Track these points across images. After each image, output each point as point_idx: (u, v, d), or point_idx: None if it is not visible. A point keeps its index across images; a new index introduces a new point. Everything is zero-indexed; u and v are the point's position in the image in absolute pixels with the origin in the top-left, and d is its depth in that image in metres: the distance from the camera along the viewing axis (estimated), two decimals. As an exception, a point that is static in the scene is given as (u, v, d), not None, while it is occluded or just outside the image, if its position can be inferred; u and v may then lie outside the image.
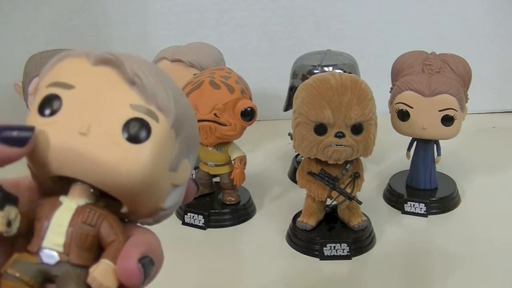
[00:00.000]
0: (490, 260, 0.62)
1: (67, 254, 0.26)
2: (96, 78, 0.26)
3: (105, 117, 0.25)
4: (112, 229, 0.27)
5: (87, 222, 0.26)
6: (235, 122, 0.66)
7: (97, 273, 0.25)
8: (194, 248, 0.67)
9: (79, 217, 0.26)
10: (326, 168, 0.61)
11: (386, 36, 1.08)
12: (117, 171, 0.25)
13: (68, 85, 0.26)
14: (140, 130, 0.25)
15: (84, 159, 0.25)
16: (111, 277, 0.26)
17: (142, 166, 0.25)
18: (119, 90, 0.26)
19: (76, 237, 0.26)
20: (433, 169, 0.75)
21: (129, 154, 0.25)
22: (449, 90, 0.67)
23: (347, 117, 0.56)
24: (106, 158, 0.24)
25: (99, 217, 0.26)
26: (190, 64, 0.79)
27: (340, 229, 0.65)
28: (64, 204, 0.26)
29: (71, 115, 0.25)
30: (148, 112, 0.25)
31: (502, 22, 1.10)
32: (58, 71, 0.27)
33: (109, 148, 0.25)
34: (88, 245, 0.26)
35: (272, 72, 1.02)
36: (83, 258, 0.26)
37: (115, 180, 0.25)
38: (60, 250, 0.26)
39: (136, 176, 0.25)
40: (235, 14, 1.08)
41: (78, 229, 0.26)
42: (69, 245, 0.26)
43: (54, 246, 0.26)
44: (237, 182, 0.69)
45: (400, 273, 0.61)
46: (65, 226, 0.26)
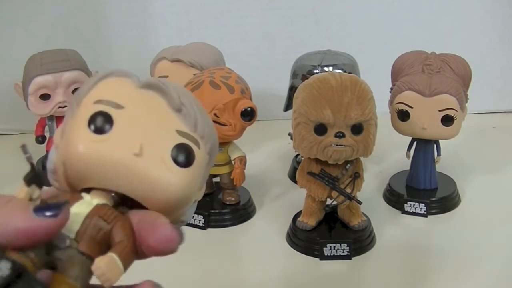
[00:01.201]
0: (490, 260, 0.62)
1: (77, 241, 0.27)
2: (144, 101, 0.28)
3: (156, 140, 0.27)
4: (124, 231, 0.28)
5: (104, 217, 0.27)
6: (235, 122, 0.66)
7: (102, 263, 0.26)
8: (194, 248, 0.67)
9: (97, 211, 0.27)
10: (326, 168, 0.61)
11: (386, 36, 1.08)
12: (162, 190, 0.27)
13: (119, 105, 0.27)
14: (187, 156, 0.28)
15: (135, 177, 0.26)
16: (115, 270, 0.27)
17: (185, 187, 0.28)
18: (166, 115, 0.28)
19: (90, 229, 0.27)
20: (433, 169, 0.75)
21: (176, 175, 0.27)
22: (449, 90, 0.67)
23: (347, 117, 0.56)
24: (156, 177, 0.27)
25: (115, 217, 0.28)
26: (190, 64, 0.79)
27: (340, 229, 0.65)
28: (85, 199, 0.28)
29: (124, 134, 0.27)
30: (193, 139, 0.28)
31: (502, 22, 1.10)
32: (105, 90, 0.28)
33: (159, 168, 0.27)
34: (98, 239, 0.27)
35: (272, 72, 1.02)
36: (91, 249, 0.27)
37: (157, 196, 0.27)
38: (72, 237, 0.27)
39: (176, 195, 0.27)
40: (235, 14, 1.08)
41: (94, 222, 0.27)
42: (82, 234, 0.27)
43: (67, 231, 0.27)
44: (237, 182, 0.70)
45: (400, 273, 0.61)
46: (82, 216, 0.27)
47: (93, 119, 0.27)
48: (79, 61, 0.81)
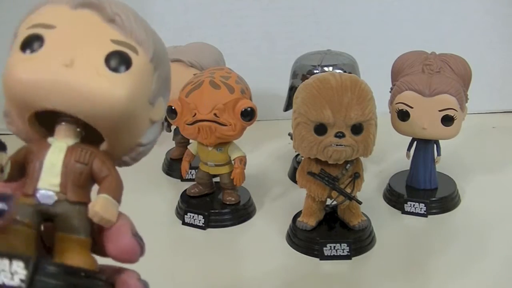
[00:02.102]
0: (490, 260, 0.62)
1: (64, 193, 0.27)
2: (76, 18, 0.27)
3: (88, 51, 0.26)
4: (104, 164, 0.28)
5: (80, 160, 0.27)
6: (235, 122, 0.66)
7: (98, 208, 0.26)
8: (194, 248, 0.67)
9: (72, 156, 0.27)
10: (326, 168, 0.61)
11: (386, 36, 1.08)
12: (101, 99, 0.26)
13: (49, 25, 0.27)
14: (122, 61, 0.27)
15: (69, 90, 0.26)
16: (111, 210, 0.27)
17: (124, 93, 0.27)
18: (99, 28, 0.27)
19: (71, 176, 0.27)
20: (433, 169, 0.75)
21: (113, 82, 0.26)
22: (449, 90, 0.67)
23: (347, 117, 0.56)
24: (91, 87, 0.26)
25: (91, 155, 0.28)
26: (190, 64, 0.79)
27: (340, 229, 0.65)
28: (53, 145, 0.27)
29: (54, 50, 0.26)
30: (128, 46, 0.27)
31: (502, 22, 1.10)
32: (38, 15, 0.28)
33: (93, 78, 0.26)
34: (82, 183, 0.27)
35: (272, 72, 1.02)
36: (80, 195, 0.27)
37: (99, 108, 0.26)
38: (57, 190, 0.27)
39: (118, 103, 0.26)
40: (235, 14, 1.08)
41: (72, 168, 0.27)
42: (65, 184, 0.27)
43: (50, 186, 0.26)
44: (237, 182, 0.70)
45: (400, 273, 0.61)
46: (59, 166, 0.27)
47: (24, 42, 0.27)
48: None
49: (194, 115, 0.65)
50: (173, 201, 0.75)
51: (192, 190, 0.74)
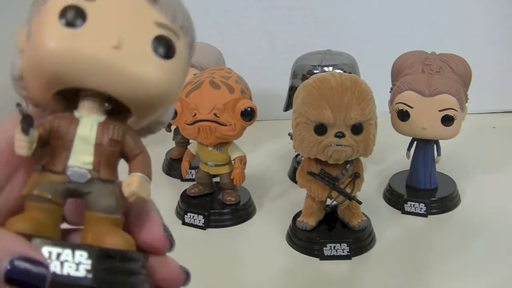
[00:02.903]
0: (490, 260, 0.62)
1: (97, 171, 0.26)
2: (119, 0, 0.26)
3: (134, 32, 0.25)
4: (136, 142, 0.27)
5: (114, 137, 0.26)
6: (235, 122, 0.66)
7: (135, 187, 0.26)
8: (194, 248, 0.67)
9: (104, 133, 0.26)
10: (326, 168, 0.61)
11: (386, 36, 1.08)
12: (147, 85, 0.25)
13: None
14: (168, 48, 0.26)
15: (116, 73, 0.25)
16: (147, 188, 0.26)
17: (169, 80, 0.26)
18: (142, 7, 0.26)
19: (105, 154, 0.26)
20: (433, 169, 0.75)
21: (159, 69, 0.26)
22: (449, 90, 0.67)
23: (347, 117, 0.56)
24: (138, 70, 0.25)
25: (123, 132, 0.27)
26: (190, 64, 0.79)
27: (340, 229, 0.65)
28: (82, 120, 0.26)
29: (100, 28, 0.25)
30: (172, 30, 0.26)
31: (502, 22, 1.09)
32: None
33: (141, 61, 0.25)
34: (114, 160, 0.27)
35: (272, 72, 1.02)
36: (111, 173, 0.26)
37: (142, 93, 0.26)
38: (90, 168, 0.26)
39: (162, 89, 0.26)
40: (235, 14, 1.08)
41: (106, 146, 0.26)
42: (98, 162, 0.26)
43: (83, 164, 0.26)
44: (237, 182, 0.70)
45: (400, 273, 0.61)
46: (92, 144, 0.26)
47: (63, 12, 0.24)
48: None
49: (194, 115, 0.65)
50: (173, 201, 0.75)
51: (192, 190, 0.74)
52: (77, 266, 0.23)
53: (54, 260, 0.23)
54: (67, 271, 0.22)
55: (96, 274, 0.23)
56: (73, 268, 0.23)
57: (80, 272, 0.23)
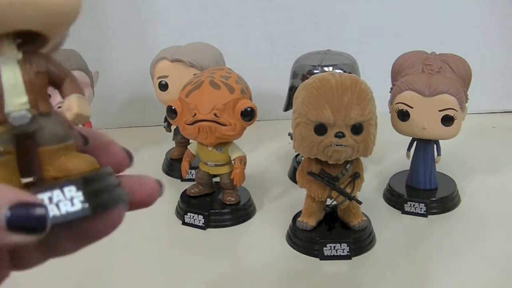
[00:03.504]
0: (490, 260, 0.62)
1: (35, 108, 0.26)
2: None
3: None
4: (59, 67, 0.27)
5: (39, 71, 0.26)
6: (235, 122, 0.66)
7: (76, 109, 0.26)
8: (194, 248, 0.67)
9: (28, 69, 0.26)
10: (326, 168, 0.61)
11: (386, 36, 1.08)
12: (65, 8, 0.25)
13: None
14: None
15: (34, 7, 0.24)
16: (86, 106, 0.26)
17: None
18: None
19: (36, 89, 0.26)
20: (433, 169, 0.75)
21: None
22: (449, 90, 0.67)
23: (347, 117, 0.56)
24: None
25: (45, 63, 0.26)
26: (190, 64, 0.79)
27: (340, 229, 0.65)
28: (3, 65, 0.26)
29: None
30: None
31: (502, 22, 1.09)
32: None
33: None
34: (46, 93, 0.26)
35: (272, 72, 1.02)
36: (49, 105, 0.26)
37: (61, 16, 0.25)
38: (28, 107, 0.25)
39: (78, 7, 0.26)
40: (235, 14, 1.08)
41: (34, 82, 0.26)
42: (35, 99, 0.26)
43: (20, 106, 0.25)
44: (237, 182, 0.69)
45: (400, 273, 0.61)
46: (21, 84, 0.25)
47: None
48: (79, 61, 0.81)
49: (194, 115, 0.65)
50: (173, 201, 0.75)
51: (192, 190, 0.74)
52: (71, 201, 0.23)
53: (49, 204, 0.23)
54: (65, 210, 0.23)
55: (90, 202, 0.24)
56: (69, 204, 0.23)
57: (76, 205, 0.23)
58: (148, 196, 0.28)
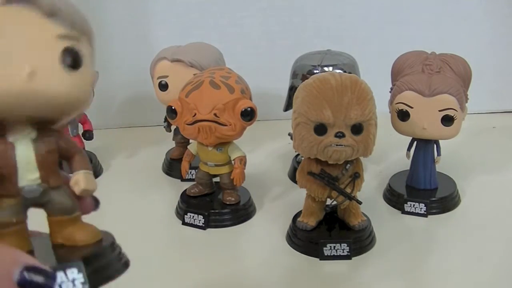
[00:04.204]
0: (490, 260, 0.62)
1: (46, 182, 0.28)
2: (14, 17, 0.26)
3: (41, 54, 0.26)
4: (69, 144, 0.30)
5: (50, 149, 0.28)
6: (235, 122, 0.66)
7: (83, 185, 0.29)
8: (194, 248, 0.67)
9: (41, 148, 0.28)
10: (326, 168, 0.61)
11: (386, 36, 1.08)
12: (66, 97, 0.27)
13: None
14: (76, 58, 0.27)
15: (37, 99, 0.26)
16: (93, 181, 0.30)
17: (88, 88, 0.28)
18: (41, 25, 0.26)
19: (48, 166, 0.28)
20: (433, 169, 0.75)
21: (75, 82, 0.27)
22: (449, 90, 0.67)
23: (347, 117, 0.56)
24: (57, 89, 0.26)
25: (56, 142, 0.29)
26: (190, 64, 0.79)
27: (340, 229, 0.65)
28: (18, 143, 0.28)
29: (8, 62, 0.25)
30: (74, 37, 0.27)
31: (502, 22, 1.10)
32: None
33: (58, 82, 0.26)
34: (56, 169, 0.29)
35: (272, 72, 1.02)
36: (59, 179, 0.29)
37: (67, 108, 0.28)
38: (39, 182, 0.28)
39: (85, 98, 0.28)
40: (235, 14, 1.08)
41: (46, 159, 0.28)
42: (46, 175, 0.28)
43: (32, 181, 0.28)
44: (237, 182, 0.69)
45: (400, 273, 0.61)
46: (34, 162, 0.28)
47: None
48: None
49: (194, 115, 0.65)
50: (173, 201, 0.75)
51: (192, 190, 0.74)
52: (73, 283, 0.25)
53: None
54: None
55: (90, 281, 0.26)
56: (71, 285, 0.25)
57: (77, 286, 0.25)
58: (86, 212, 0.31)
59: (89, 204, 0.32)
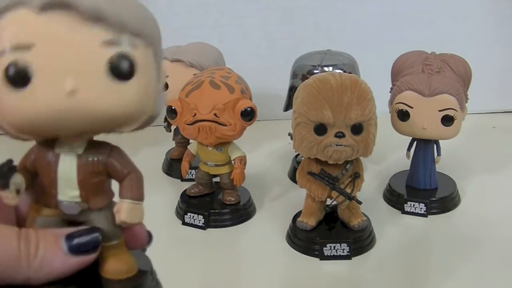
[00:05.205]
0: (490, 260, 0.62)
1: (86, 202, 0.26)
2: (52, 26, 0.23)
3: (84, 65, 0.23)
4: (122, 163, 0.27)
5: (95, 171, 0.26)
6: (235, 122, 0.66)
7: (123, 216, 0.26)
8: (194, 248, 0.67)
9: (85, 168, 0.26)
10: (326, 168, 0.61)
11: (386, 36, 1.08)
12: (115, 112, 0.24)
13: (26, 45, 0.23)
14: (125, 66, 0.24)
15: (81, 115, 0.24)
16: (137, 213, 0.27)
17: (136, 98, 0.25)
18: (83, 32, 0.23)
19: (89, 187, 0.26)
20: (433, 169, 0.75)
21: (123, 94, 0.24)
22: (449, 90, 0.67)
23: (347, 117, 0.56)
24: (102, 105, 0.24)
25: (104, 162, 0.26)
26: (190, 64, 0.79)
27: (340, 229, 0.65)
28: (62, 157, 0.26)
29: (47, 78, 0.23)
30: (124, 42, 0.24)
31: (502, 22, 1.10)
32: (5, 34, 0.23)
33: (103, 96, 0.23)
34: (101, 189, 0.27)
35: (272, 72, 1.02)
36: (102, 201, 0.27)
37: (115, 122, 0.25)
38: (78, 201, 0.26)
39: (135, 108, 0.25)
40: (235, 14, 1.08)
41: (89, 180, 0.26)
42: (86, 195, 0.26)
43: (71, 198, 0.26)
44: (237, 182, 0.69)
45: (400, 273, 0.61)
46: (75, 180, 0.26)
47: (7, 74, 0.23)
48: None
49: (194, 115, 0.65)
50: (173, 201, 0.75)
51: (192, 190, 0.74)
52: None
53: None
54: None
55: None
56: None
57: None
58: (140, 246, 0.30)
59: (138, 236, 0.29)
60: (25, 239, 0.24)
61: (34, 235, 0.24)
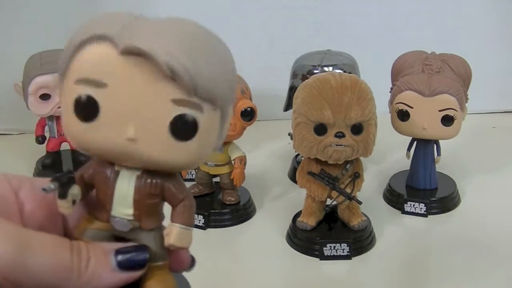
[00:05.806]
0: (490, 260, 0.62)
1: (138, 221, 0.27)
2: (129, 72, 0.24)
3: (149, 117, 0.24)
4: (177, 188, 0.27)
5: (152, 193, 0.27)
6: (235, 122, 0.66)
7: (173, 240, 0.26)
8: (194, 248, 0.67)
9: (142, 188, 0.26)
10: (326, 168, 0.61)
11: (386, 36, 1.08)
12: (169, 165, 0.26)
13: (101, 84, 0.24)
14: (188, 127, 0.24)
15: (136, 158, 0.25)
16: (186, 238, 0.27)
17: (193, 157, 0.26)
18: (156, 85, 0.24)
19: (144, 207, 0.27)
20: (433, 169, 0.75)
21: (180, 151, 0.25)
22: (449, 90, 0.67)
23: (347, 117, 0.56)
24: (158, 158, 0.25)
25: (161, 186, 0.27)
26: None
27: (340, 229, 0.65)
28: (121, 174, 0.27)
29: (113, 119, 0.24)
30: (193, 104, 0.24)
31: (502, 22, 1.09)
32: (84, 64, 0.25)
33: (159, 149, 0.25)
34: (155, 211, 0.27)
35: (272, 72, 1.02)
36: (153, 222, 0.27)
37: (166, 168, 0.26)
38: (131, 219, 0.27)
39: (186, 165, 0.26)
40: (235, 14, 1.08)
41: (145, 201, 0.27)
42: (139, 215, 0.27)
43: (123, 215, 0.27)
44: (237, 182, 0.69)
45: (400, 273, 0.61)
46: (131, 198, 0.26)
47: (77, 105, 0.24)
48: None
49: (194, 115, 0.65)
50: (173, 201, 0.75)
51: (192, 190, 0.74)
52: None
53: None
54: None
55: None
56: None
57: None
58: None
59: (183, 260, 0.30)
60: (77, 252, 0.25)
61: (85, 248, 0.25)
